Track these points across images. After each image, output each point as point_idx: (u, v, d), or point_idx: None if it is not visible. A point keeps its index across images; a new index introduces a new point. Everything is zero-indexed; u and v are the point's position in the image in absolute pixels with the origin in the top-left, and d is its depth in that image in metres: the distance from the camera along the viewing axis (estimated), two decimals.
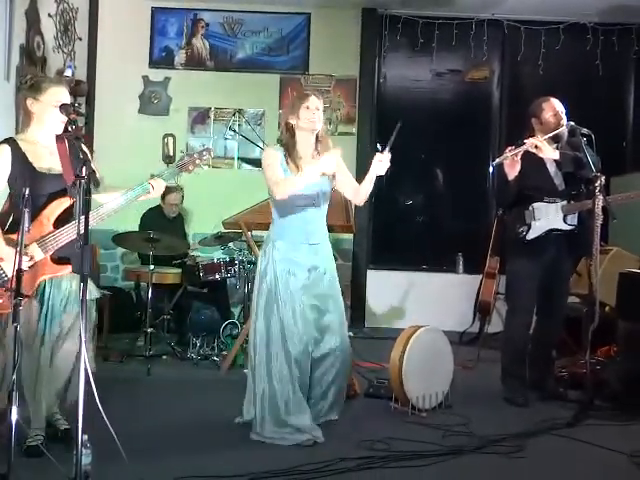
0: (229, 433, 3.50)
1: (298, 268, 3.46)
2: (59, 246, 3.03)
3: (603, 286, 4.34)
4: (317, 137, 3.52)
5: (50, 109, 3.06)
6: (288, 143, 3.50)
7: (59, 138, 3.14)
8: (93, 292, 3.20)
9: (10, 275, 2.82)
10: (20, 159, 3.05)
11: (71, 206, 3.04)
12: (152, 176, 3.21)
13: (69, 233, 2.99)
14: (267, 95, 7.04)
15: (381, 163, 3.36)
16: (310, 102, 3.44)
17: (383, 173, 3.40)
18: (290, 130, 3.49)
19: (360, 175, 3.59)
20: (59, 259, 3.05)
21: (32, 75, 3.67)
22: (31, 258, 2.96)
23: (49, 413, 3.22)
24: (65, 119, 2.98)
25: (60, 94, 3.10)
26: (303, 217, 3.48)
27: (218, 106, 7.06)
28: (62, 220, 3.06)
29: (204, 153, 3.29)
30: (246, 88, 7.02)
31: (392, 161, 3.40)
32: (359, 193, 3.56)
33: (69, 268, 3.06)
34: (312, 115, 3.44)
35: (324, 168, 3.34)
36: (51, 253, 3.03)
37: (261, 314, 3.47)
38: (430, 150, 7.30)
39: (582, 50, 7.04)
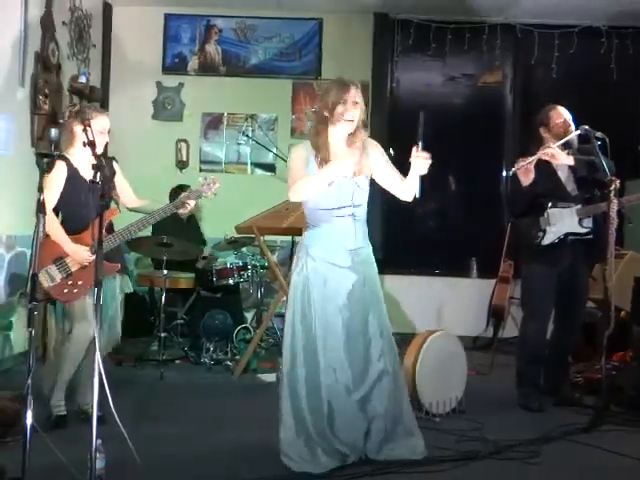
0: (241, 438, 3.49)
1: (335, 275, 3.17)
2: (107, 250, 3.48)
3: (618, 291, 4.31)
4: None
5: (96, 134, 3.37)
6: (317, 140, 3.22)
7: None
8: (125, 288, 3.85)
9: (74, 270, 3.54)
10: (74, 173, 3.61)
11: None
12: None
13: (115, 239, 3.63)
14: (280, 100, 7.05)
15: (419, 160, 3.07)
16: (350, 94, 3.18)
17: (425, 171, 3.10)
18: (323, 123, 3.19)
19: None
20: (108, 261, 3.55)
21: (79, 104, 4.23)
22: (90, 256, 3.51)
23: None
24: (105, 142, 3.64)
25: (105, 122, 3.67)
26: (338, 220, 3.19)
27: (231, 111, 7.08)
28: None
29: (211, 185, 3.79)
30: (259, 93, 7.03)
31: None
32: (404, 190, 3.28)
33: (117, 267, 3.69)
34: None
35: (334, 173, 3.10)
36: None
37: (295, 325, 3.15)
38: (443, 154, 7.22)
39: (596, 54, 6.99)
